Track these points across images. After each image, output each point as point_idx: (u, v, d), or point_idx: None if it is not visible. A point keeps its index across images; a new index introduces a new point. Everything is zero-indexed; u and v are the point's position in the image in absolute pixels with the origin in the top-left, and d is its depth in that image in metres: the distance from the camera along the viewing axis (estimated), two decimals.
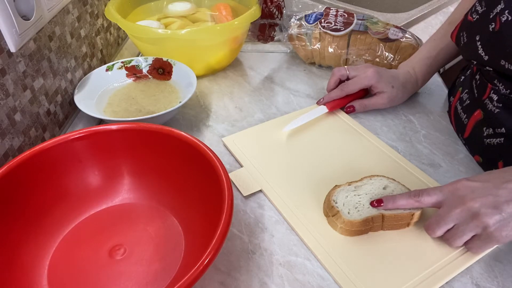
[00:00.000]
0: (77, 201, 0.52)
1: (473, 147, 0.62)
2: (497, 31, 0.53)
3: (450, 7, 1.09)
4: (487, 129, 0.58)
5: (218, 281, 0.46)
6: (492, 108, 0.56)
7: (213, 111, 0.73)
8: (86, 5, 0.73)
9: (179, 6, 0.87)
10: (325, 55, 0.81)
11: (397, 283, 0.45)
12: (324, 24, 0.81)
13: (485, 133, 0.58)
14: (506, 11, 0.52)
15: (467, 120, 0.62)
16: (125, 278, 0.45)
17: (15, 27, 0.51)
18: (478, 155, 0.61)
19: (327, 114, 0.69)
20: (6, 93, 0.52)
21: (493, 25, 0.54)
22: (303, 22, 0.82)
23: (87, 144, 0.51)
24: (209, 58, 0.79)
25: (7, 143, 0.53)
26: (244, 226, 0.52)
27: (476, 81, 0.61)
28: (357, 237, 0.49)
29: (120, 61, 0.74)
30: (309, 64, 0.86)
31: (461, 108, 0.65)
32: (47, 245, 0.48)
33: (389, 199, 0.49)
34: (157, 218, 0.51)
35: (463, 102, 0.64)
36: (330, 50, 0.80)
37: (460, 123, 0.64)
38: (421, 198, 0.47)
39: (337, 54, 0.80)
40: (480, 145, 0.59)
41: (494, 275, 0.46)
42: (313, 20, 0.82)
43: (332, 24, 0.80)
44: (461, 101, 0.65)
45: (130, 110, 0.67)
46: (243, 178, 0.58)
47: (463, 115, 0.63)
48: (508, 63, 0.52)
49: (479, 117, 0.59)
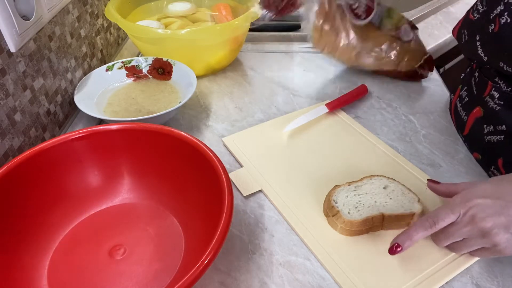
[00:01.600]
0: (77, 201, 0.52)
1: (472, 144, 0.62)
2: (496, 33, 0.53)
3: (450, 7, 1.09)
4: (487, 127, 0.57)
5: (218, 281, 0.46)
6: (493, 106, 0.56)
7: (213, 111, 0.73)
8: (86, 5, 0.73)
9: (179, 6, 0.87)
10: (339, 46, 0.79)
11: (397, 283, 0.45)
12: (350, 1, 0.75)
13: (485, 131, 0.58)
14: (506, 13, 0.52)
15: (466, 117, 0.62)
16: (125, 278, 0.45)
17: (15, 27, 0.51)
18: (477, 152, 0.61)
19: (327, 114, 0.69)
20: (6, 93, 0.52)
21: (493, 26, 0.54)
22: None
23: (87, 144, 0.51)
24: (209, 58, 0.79)
25: (7, 143, 0.53)
26: (244, 226, 0.52)
27: (475, 78, 0.61)
28: (357, 237, 0.49)
29: (120, 61, 0.74)
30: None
31: (460, 106, 0.65)
32: (47, 245, 0.48)
33: (405, 239, 0.45)
34: (157, 218, 0.51)
35: (462, 99, 0.64)
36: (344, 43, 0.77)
37: (460, 121, 0.64)
38: (438, 226, 0.45)
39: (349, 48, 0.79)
40: (480, 142, 0.59)
41: (494, 275, 0.46)
42: None
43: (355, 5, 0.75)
44: (461, 98, 0.65)
45: (130, 110, 0.67)
46: (243, 178, 0.58)
47: (463, 112, 0.63)
48: (507, 65, 0.52)
49: (479, 115, 0.59)
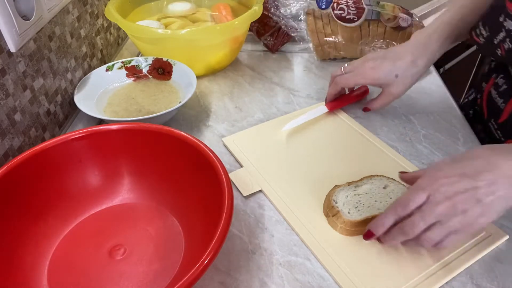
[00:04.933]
0: (77, 201, 0.52)
1: (508, 131, 0.62)
2: (505, 56, 0.54)
3: None
4: None
5: (218, 281, 0.46)
6: None
7: (213, 111, 0.73)
8: (86, 5, 0.73)
9: (179, 6, 0.87)
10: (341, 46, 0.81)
11: (397, 283, 0.45)
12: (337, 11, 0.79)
13: None
14: (508, 39, 0.52)
15: (504, 105, 0.62)
16: (125, 278, 0.45)
17: (15, 27, 0.51)
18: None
19: (327, 114, 0.69)
20: (6, 93, 0.52)
21: (499, 51, 0.55)
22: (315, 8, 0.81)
23: (87, 144, 0.51)
24: (209, 58, 0.79)
25: (7, 143, 0.53)
26: (244, 226, 0.52)
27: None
28: (357, 237, 0.49)
29: (120, 61, 0.74)
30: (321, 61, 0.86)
31: (496, 93, 0.64)
32: (47, 245, 0.48)
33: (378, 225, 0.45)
34: (157, 218, 0.51)
35: (498, 87, 0.64)
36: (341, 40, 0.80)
37: (495, 108, 0.64)
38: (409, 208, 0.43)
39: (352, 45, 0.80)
40: None
41: (494, 275, 0.46)
42: (325, 4, 0.80)
43: (344, 12, 0.79)
44: (496, 86, 0.65)
45: (130, 110, 0.67)
46: (243, 178, 0.58)
47: (499, 100, 0.63)
48: None
49: None
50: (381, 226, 0.45)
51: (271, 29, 0.86)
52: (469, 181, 0.41)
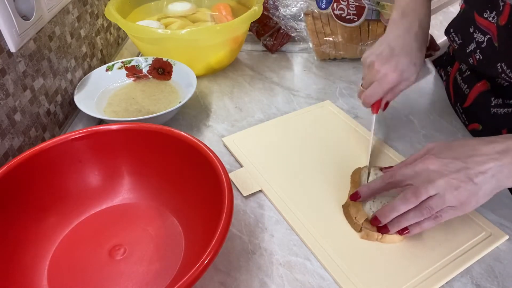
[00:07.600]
0: (77, 201, 0.52)
1: (472, 116, 0.63)
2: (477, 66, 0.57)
3: (450, 7, 1.09)
4: (495, 99, 0.59)
5: (218, 281, 0.46)
6: (501, 82, 0.58)
7: (213, 111, 0.73)
8: (86, 5, 0.73)
9: (179, 6, 0.87)
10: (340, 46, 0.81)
11: (397, 283, 0.45)
12: (337, 12, 0.79)
13: (493, 103, 0.59)
14: (478, 51, 0.55)
15: (468, 90, 0.63)
16: (125, 278, 0.45)
17: (15, 27, 0.51)
18: (477, 123, 0.62)
19: (327, 114, 0.69)
20: (6, 93, 0.52)
21: (471, 60, 0.57)
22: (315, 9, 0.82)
23: (87, 144, 0.51)
24: (209, 58, 0.79)
25: (7, 143, 0.53)
26: (244, 226, 0.52)
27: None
28: (357, 237, 0.49)
29: (120, 61, 0.74)
30: (321, 61, 0.86)
31: (461, 79, 0.65)
32: (47, 245, 0.48)
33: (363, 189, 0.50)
34: (157, 218, 0.51)
35: (462, 73, 0.65)
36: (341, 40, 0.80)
37: (460, 93, 0.65)
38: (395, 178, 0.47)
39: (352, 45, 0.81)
40: (483, 114, 0.61)
41: (494, 275, 0.46)
42: (325, 4, 0.81)
43: (344, 13, 0.79)
44: (460, 71, 0.66)
45: (130, 110, 0.67)
46: (243, 178, 0.58)
47: (464, 85, 0.64)
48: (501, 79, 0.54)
49: (484, 88, 0.60)
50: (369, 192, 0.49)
51: (270, 29, 0.86)
52: (460, 163, 0.44)
